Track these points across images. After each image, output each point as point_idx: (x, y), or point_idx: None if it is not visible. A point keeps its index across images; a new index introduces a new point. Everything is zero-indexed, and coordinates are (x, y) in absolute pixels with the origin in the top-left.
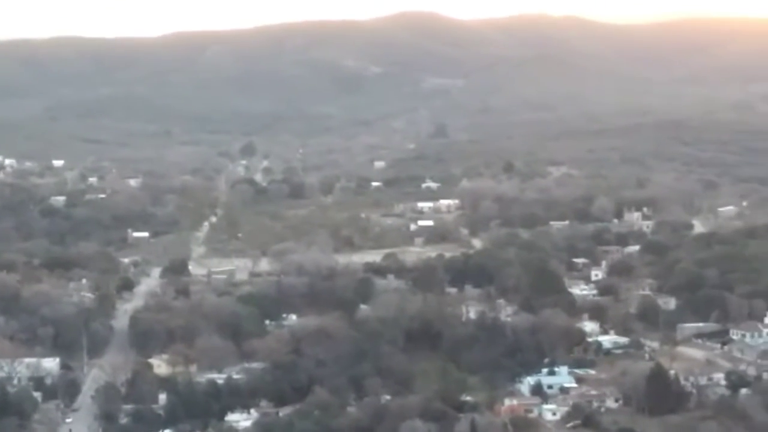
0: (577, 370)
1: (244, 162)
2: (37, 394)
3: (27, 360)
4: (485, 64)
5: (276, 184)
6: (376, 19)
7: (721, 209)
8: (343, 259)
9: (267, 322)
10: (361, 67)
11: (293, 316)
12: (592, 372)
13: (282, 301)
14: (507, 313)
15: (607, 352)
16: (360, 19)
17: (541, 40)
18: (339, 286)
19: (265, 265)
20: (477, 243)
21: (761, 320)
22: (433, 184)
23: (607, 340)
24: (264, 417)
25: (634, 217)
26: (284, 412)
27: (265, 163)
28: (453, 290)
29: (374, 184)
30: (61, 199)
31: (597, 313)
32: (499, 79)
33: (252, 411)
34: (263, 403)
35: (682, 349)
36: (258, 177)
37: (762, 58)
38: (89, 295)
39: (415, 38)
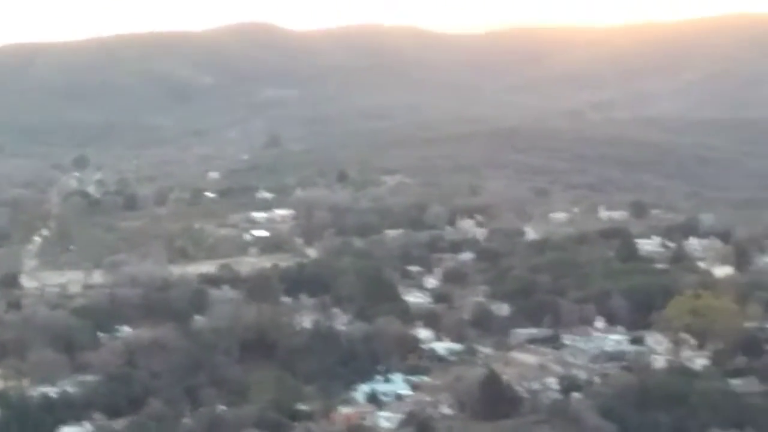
0: (411, 377)
1: (76, 174)
2: None
3: None
4: (319, 74)
5: (109, 195)
6: (209, 30)
7: (552, 216)
8: (177, 270)
9: (100, 334)
10: (194, 78)
11: (127, 328)
12: (427, 379)
13: (116, 313)
14: (342, 321)
15: (442, 359)
16: (193, 30)
17: (374, 50)
18: (173, 297)
19: (98, 277)
20: (312, 252)
21: (592, 325)
22: (267, 194)
23: (441, 346)
24: (98, 429)
25: (467, 225)
26: (118, 424)
27: (99, 175)
28: (288, 300)
29: (208, 194)
30: None
31: (431, 320)
32: (333, 88)
33: (86, 424)
34: (97, 415)
35: (516, 355)
36: (91, 189)
37: (592, 67)
38: None
39: (249, 49)
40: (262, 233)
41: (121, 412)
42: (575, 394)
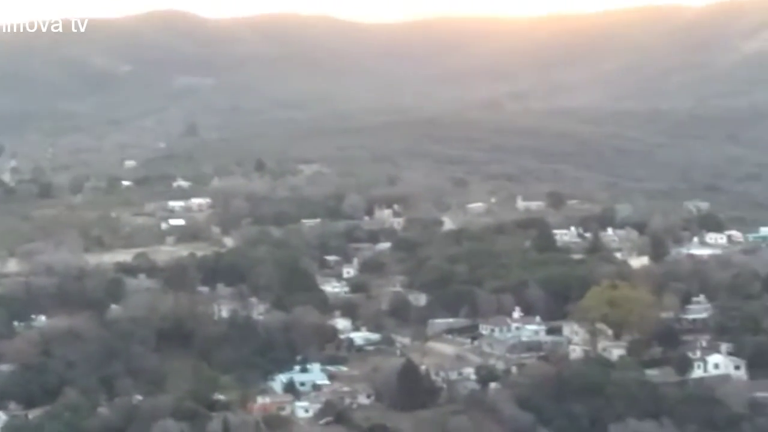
0: (329, 367)
1: None
2: None
3: None
4: (236, 63)
5: (24, 184)
6: (126, 17)
7: (470, 206)
8: (93, 259)
9: (15, 323)
10: (111, 66)
11: (42, 317)
12: (345, 369)
13: (31, 302)
14: (259, 311)
15: (359, 349)
16: (110, 17)
17: (291, 39)
18: (89, 287)
19: (13, 265)
20: (229, 242)
21: (509, 315)
22: (184, 183)
23: (359, 336)
24: (13, 419)
25: (385, 215)
26: (34, 414)
27: (13, 163)
28: (205, 289)
29: (125, 183)
30: None
31: (349, 310)
32: (250, 77)
33: (0, 413)
34: (12, 405)
35: (433, 345)
36: (5, 177)
37: (510, 57)
38: None
39: (166, 37)
40: (179, 222)
41: (37, 402)
42: (492, 384)
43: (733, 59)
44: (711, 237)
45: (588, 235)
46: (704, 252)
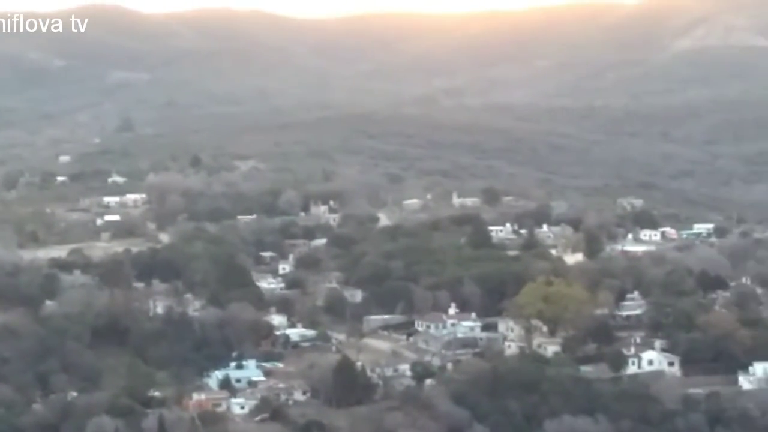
0: (265, 364)
1: None
2: None
3: None
4: (170, 58)
5: None
6: (59, 11)
7: (406, 202)
8: (27, 255)
9: None
10: (44, 60)
11: None
12: (280, 365)
13: None
14: (195, 307)
15: (295, 345)
16: (44, 10)
17: (226, 34)
18: (23, 282)
19: None
20: (164, 237)
21: (445, 311)
22: (119, 179)
23: (295, 333)
24: None
25: (320, 211)
26: None
27: None
28: (140, 285)
29: (59, 178)
30: None
31: (285, 306)
32: (185, 73)
33: None
34: None
35: (369, 341)
36: None
37: (444, 53)
38: None
39: (100, 31)
40: (114, 218)
41: None
42: (428, 381)
43: (667, 57)
44: (645, 234)
45: (523, 231)
46: (638, 249)
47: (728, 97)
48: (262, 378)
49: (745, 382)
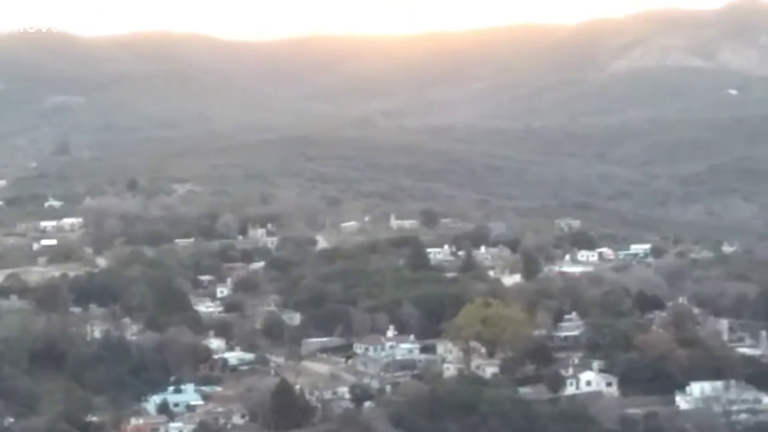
0: (203, 388)
1: None
2: None
3: None
4: (108, 81)
5: None
6: None
7: (344, 224)
8: None
9: None
10: None
11: None
12: (219, 389)
13: None
14: (132, 331)
15: (234, 369)
16: None
17: (164, 57)
18: None
19: None
20: (102, 261)
21: (384, 334)
22: (56, 203)
23: (233, 356)
24: None
25: (258, 234)
26: None
27: None
28: (77, 310)
29: None
30: None
31: (223, 329)
32: (122, 96)
33: None
34: None
35: (307, 364)
36: None
37: (384, 75)
38: None
39: (37, 55)
40: (51, 242)
41: None
42: (367, 403)
43: (604, 77)
44: (582, 254)
45: (461, 253)
46: (576, 269)
47: (664, 118)
48: (201, 402)
49: (682, 401)
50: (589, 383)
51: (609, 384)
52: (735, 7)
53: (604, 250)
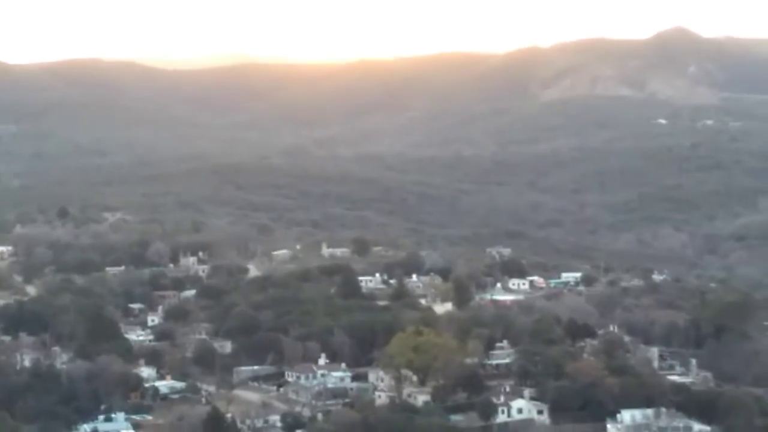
0: (134, 416)
1: None
2: None
3: None
4: (38, 110)
5: None
6: None
7: (275, 253)
8: None
9: None
10: None
11: None
12: (150, 417)
13: None
14: (62, 360)
15: (164, 397)
16: None
17: (94, 85)
18: None
19: None
20: (31, 290)
21: (315, 362)
22: None
23: (164, 385)
24: None
25: (189, 262)
26: None
27: None
28: (7, 338)
29: None
30: None
31: (154, 358)
32: (53, 124)
33: None
34: None
35: (239, 393)
36: None
37: (316, 103)
38: None
39: None
40: None
41: None
42: (298, 431)
43: (535, 106)
44: (514, 283)
45: (393, 281)
46: (507, 298)
47: (594, 147)
48: (132, 431)
49: (613, 429)
50: (520, 411)
51: (540, 411)
52: (663, 37)
53: (535, 278)
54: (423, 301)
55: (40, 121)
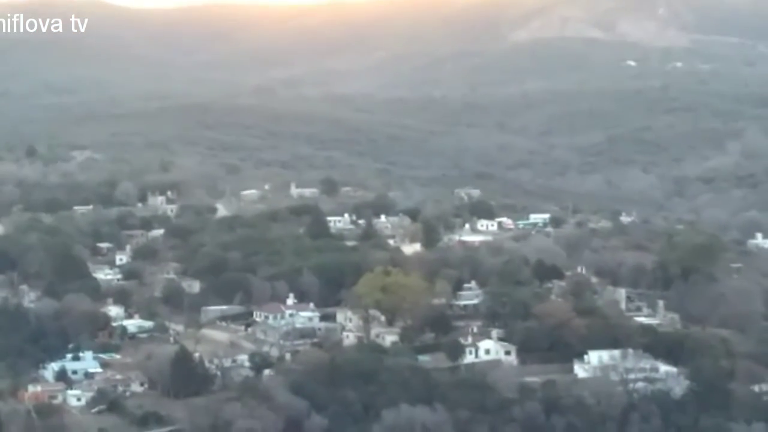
0: (102, 355)
1: None
2: None
3: None
4: (4, 48)
5: None
6: None
7: (244, 193)
8: None
9: None
10: None
11: None
12: (118, 357)
13: None
14: (30, 299)
15: (133, 336)
16: None
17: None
18: None
19: None
20: None
21: (283, 302)
22: None
23: (132, 324)
24: None
25: (158, 201)
26: None
27: None
28: None
29: None
30: None
31: (122, 297)
32: (19, 62)
33: None
34: None
35: (207, 332)
36: None
37: (283, 44)
38: None
39: None
40: None
41: None
42: (266, 371)
43: (504, 48)
44: (482, 224)
45: (361, 222)
46: (476, 239)
47: (563, 89)
48: (99, 370)
49: (580, 370)
50: (488, 352)
51: (508, 352)
52: None
53: (504, 219)
54: (391, 242)
55: (5, 60)
